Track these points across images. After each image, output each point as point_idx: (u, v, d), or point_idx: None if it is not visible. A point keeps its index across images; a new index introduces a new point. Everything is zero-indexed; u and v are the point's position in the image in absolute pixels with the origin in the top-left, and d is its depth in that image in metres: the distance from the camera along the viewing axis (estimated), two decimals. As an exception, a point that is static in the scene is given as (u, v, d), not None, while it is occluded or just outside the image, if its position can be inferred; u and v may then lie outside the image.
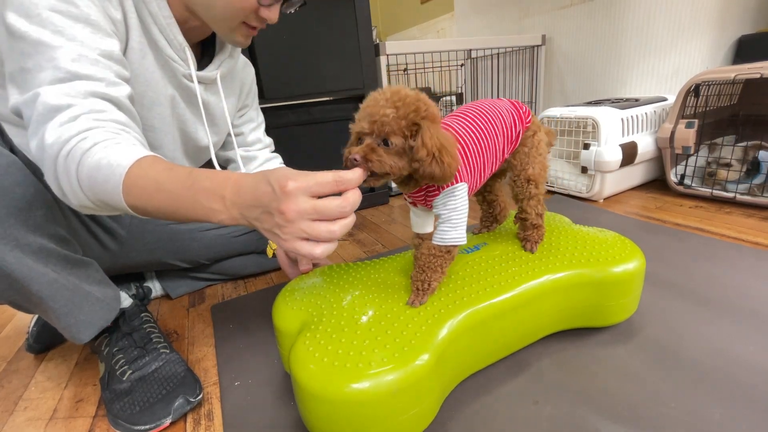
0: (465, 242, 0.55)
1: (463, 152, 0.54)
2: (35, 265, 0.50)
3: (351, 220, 0.42)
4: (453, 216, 0.54)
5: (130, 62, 0.57)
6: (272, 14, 0.59)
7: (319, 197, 0.40)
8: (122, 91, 0.51)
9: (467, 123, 0.57)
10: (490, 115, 0.59)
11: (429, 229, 0.60)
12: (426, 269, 0.54)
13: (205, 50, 0.71)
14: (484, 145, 0.57)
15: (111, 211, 0.48)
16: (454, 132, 0.55)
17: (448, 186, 0.53)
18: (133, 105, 0.53)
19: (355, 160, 0.44)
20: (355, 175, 0.43)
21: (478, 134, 0.56)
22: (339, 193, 0.42)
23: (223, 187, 0.43)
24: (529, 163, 0.63)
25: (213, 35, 0.69)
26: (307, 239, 0.40)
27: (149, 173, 0.44)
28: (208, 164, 0.81)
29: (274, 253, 0.78)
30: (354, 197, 0.41)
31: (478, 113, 0.59)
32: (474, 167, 0.56)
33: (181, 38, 0.60)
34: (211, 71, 0.68)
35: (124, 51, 0.57)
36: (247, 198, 0.42)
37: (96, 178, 0.43)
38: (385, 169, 0.46)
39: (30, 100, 0.45)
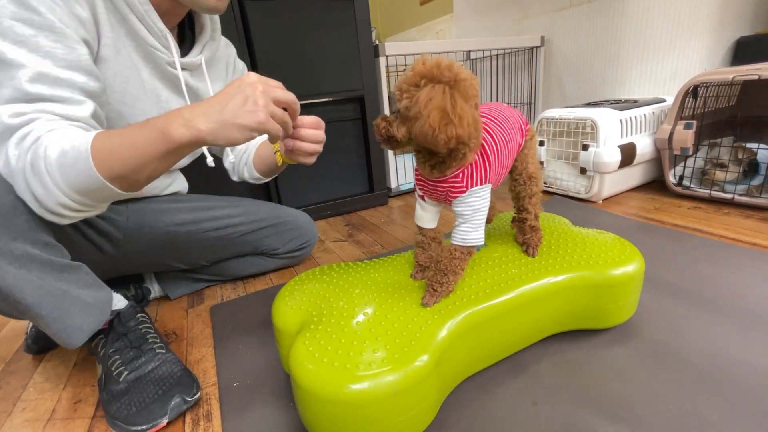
0: (483, 243, 0.55)
1: (493, 153, 0.55)
2: (19, 273, 0.49)
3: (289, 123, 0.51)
4: (476, 216, 0.54)
5: (106, 60, 0.56)
6: None
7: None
8: (84, 110, 0.50)
9: (496, 125, 0.58)
10: (510, 120, 0.60)
11: (434, 225, 0.61)
12: (447, 271, 0.54)
13: (184, 37, 0.69)
14: (505, 149, 0.58)
15: (90, 200, 0.48)
16: (489, 134, 0.55)
17: (473, 186, 0.53)
18: (99, 121, 0.53)
19: (376, 125, 0.50)
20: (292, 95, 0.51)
21: (503, 137, 0.57)
22: None
23: (181, 109, 0.47)
24: (528, 163, 0.64)
25: (189, 20, 0.67)
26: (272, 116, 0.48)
27: (111, 136, 0.47)
28: (201, 158, 0.80)
29: (282, 161, 0.70)
30: (296, 105, 0.52)
31: (501, 117, 0.59)
32: (498, 169, 0.57)
33: (161, 24, 0.59)
34: (195, 56, 0.66)
35: (97, 50, 0.56)
36: (213, 98, 0.47)
37: (65, 164, 0.44)
38: (390, 134, 0.48)
39: None
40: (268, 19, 1.17)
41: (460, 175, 0.53)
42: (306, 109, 1.34)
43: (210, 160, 0.72)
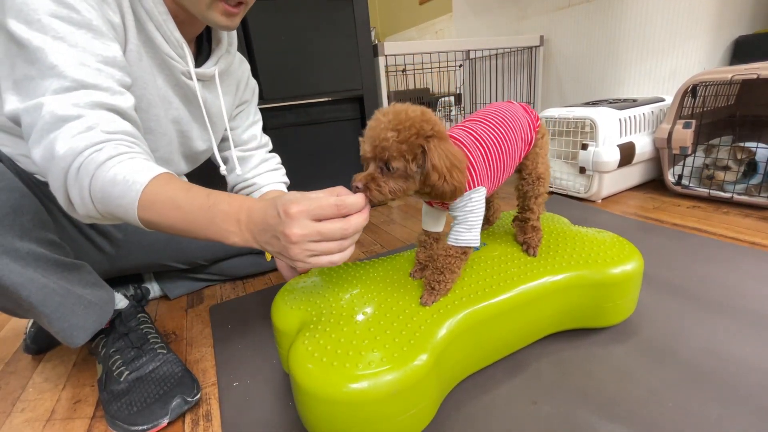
0: (478, 244, 0.55)
1: (483, 156, 0.55)
2: (24, 271, 0.50)
3: (352, 241, 0.45)
4: (469, 218, 0.54)
5: (129, 64, 0.57)
6: None
7: (321, 220, 0.42)
8: (127, 101, 0.51)
9: (488, 128, 0.57)
10: (509, 120, 0.60)
11: (439, 229, 0.61)
12: (444, 270, 0.54)
13: (201, 48, 0.70)
14: (504, 148, 0.57)
15: (114, 222, 0.49)
16: (475, 137, 0.56)
17: (465, 190, 0.53)
18: (136, 113, 0.53)
19: (357, 188, 0.46)
20: (358, 200, 0.44)
21: (498, 138, 0.57)
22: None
23: (239, 212, 0.45)
24: (539, 163, 0.64)
25: (207, 33, 0.69)
26: (312, 256, 0.43)
27: (167, 191, 0.46)
28: (207, 164, 0.81)
29: (272, 257, 0.78)
30: (356, 220, 0.43)
31: (498, 118, 0.59)
32: (494, 171, 0.57)
33: (177, 34, 0.59)
34: (209, 68, 0.67)
35: (123, 54, 0.56)
36: (258, 222, 0.44)
37: (111, 193, 0.44)
38: (385, 197, 0.46)
39: (33, 107, 0.44)
40: (268, 18, 1.17)
41: None
42: (306, 109, 1.34)
43: (222, 169, 0.74)
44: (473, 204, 0.54)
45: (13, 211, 0.48)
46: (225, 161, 0.83)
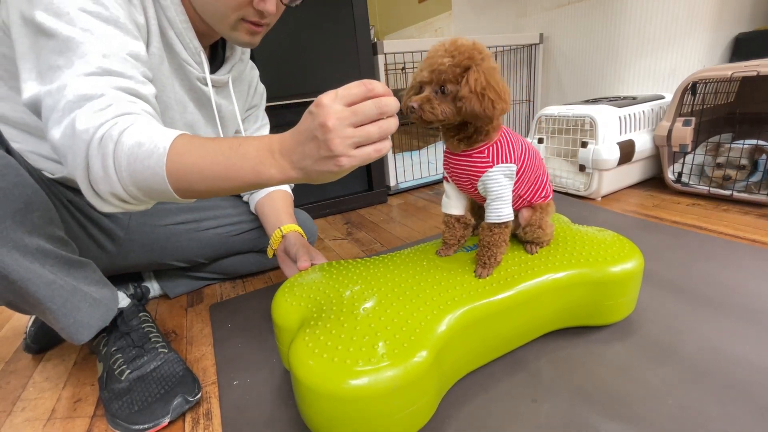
0: (513, 218, 0.59)
1: (521, 157, 0.58)
2: (32, 266, 0.50)
3: (394, 120, 0.42)
4: (504, 193, 0.57)
5: (150, 67, 0.58)
6: (268, 5, 0.57)
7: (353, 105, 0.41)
8: (150, 89, 0.52)
9: (524, 147, 0.60)
10: (537, 158, 0.63)
11: (461, 212, 0.64)
12: (491, 246, 0.58)
13: (215, 54, 0.72)
14: (530, 170, 0.61)
15: (137, 197, 0.47)
16: (519, 142, 0.59)
17: (500, 162, 0.56)
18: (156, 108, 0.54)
19: (413, 108, 0.49)
20: (382, 86, 0.42)
21: (529, 161, 0.60)
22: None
23: (270, 142, 0.44)
24: (543, 221, 0.64)
25: (222, 40, 0.70)
26: (359, 145, 0.41)
27: (193, 142, 0.45)
28: None
29: (274, 253, 0.78)
30: (388, 100, 0.41)
31: (531, 150, 0.62)
32: (522, 179, 0.60)
33: (196, 42, 0.61)
34: (223, 74, 0.69)
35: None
36: (293, 138, 0.43)
37: (137, 154, 0.43)
38: (437, 116, 0.50)
39: (56, 89, 0.44)
40: (266, 17, 1.16)
41: (486, 151, 0.57)
42: (305, 107, 1.33)
43: None
44: (506, 180, 0.57)
45: (25, 207, 0.49)
46: None
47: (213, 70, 0.68)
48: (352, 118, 0.40)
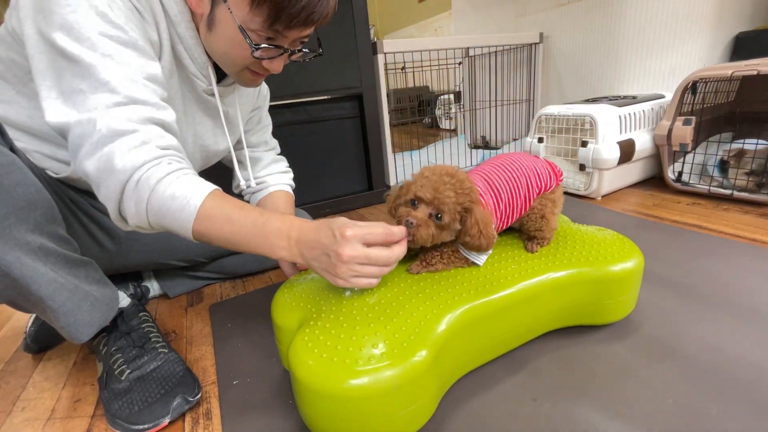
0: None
1: (494, 198, 0.61)
2: (35, 265, 0.50)
3: (390, 269, 0.51)
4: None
5: (164, 85, 0.60)
6: (274, 65, 0.60)
7: (370, 245, 0.48)
8: (170, 115, 0.54)
9: (502, 173, 0.63)
10: (524, 168, 0.65)
11: None
12: (444, 261, 0.60)
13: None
14: (515, 192, 0.63)
15: (163, 230, 0.52)
16: (489, 182, 0.62)
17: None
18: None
19: (411, 223, 0.52)
20: (402, 232, 0.50)
21: (510, 183, 0.63)
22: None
23: (291, 229, 0.50)
24: (547, 208, 0.65)
25: None
26: (355, 276, 0.48)
27: (223, 206, 0.50)
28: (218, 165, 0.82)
29: None
30: (399, 250, 0.50)
31: (513, 165, 0.65)
32: (504, 210, 0.63)
33: (205, 57, 0.62)
34: (229, 84, 0.70)
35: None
36: (310, 239, 0.49)
37: (170, 207, 0.48)
38: (427, 239, 0.53)
39: (86, 120, 0.47)
40: (266, 16, 1.16)
41: None
42: (305, 107, 1.33)
43: (243, 183, 0.77)
44: None
45: (29, 205, 0.49)
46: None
47: (218, 79, 0.69)
48: (363, 259, 0.47)
